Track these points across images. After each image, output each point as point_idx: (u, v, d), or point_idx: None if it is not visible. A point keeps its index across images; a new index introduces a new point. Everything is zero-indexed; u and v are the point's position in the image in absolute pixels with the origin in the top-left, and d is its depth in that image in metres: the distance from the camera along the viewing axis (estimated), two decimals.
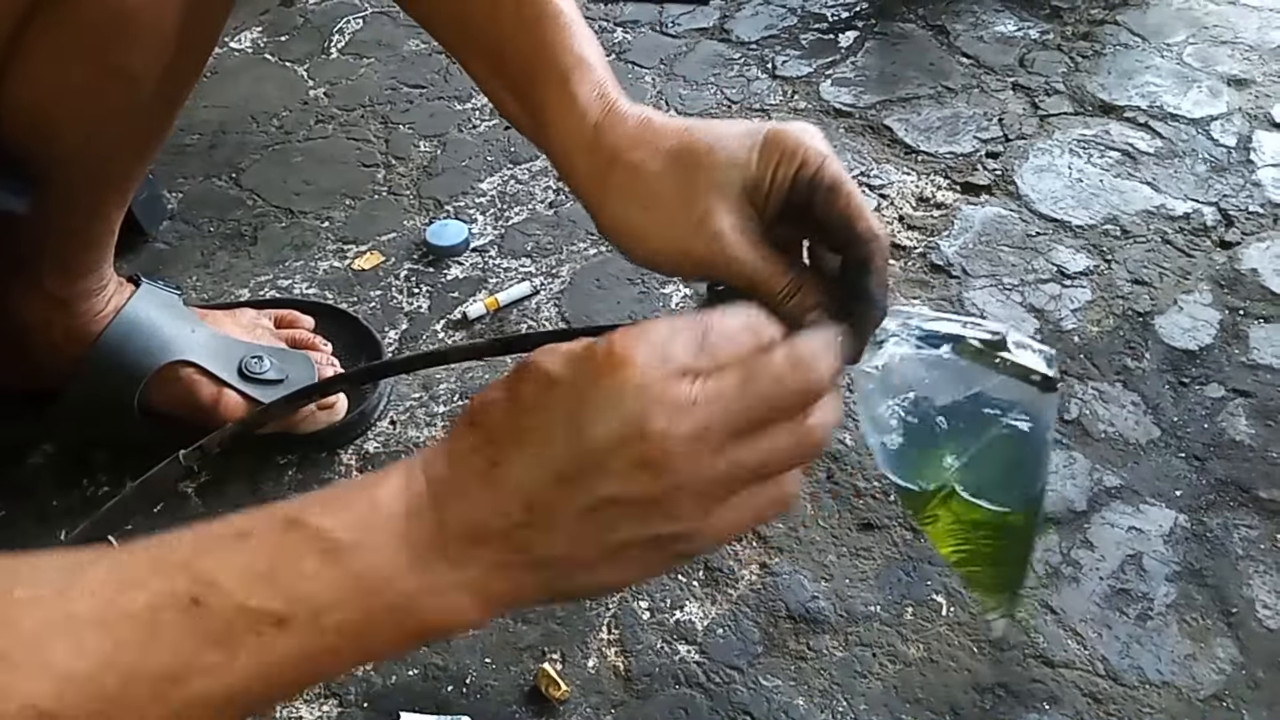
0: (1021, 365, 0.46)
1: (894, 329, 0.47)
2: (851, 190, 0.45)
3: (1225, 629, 0.72)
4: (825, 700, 0.70)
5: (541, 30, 0.50)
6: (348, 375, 0.53)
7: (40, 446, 0.88)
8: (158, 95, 0.70)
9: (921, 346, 0.47)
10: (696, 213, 0.45)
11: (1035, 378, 0.46)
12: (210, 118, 1.28)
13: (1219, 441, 0.84)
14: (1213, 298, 0.97)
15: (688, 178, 0.45)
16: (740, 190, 0.45)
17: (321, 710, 0.70)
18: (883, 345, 0.47)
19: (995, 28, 1.35)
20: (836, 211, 0.45)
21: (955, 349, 0.46)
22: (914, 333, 0.47)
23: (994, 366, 0.46)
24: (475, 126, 1.24)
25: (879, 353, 0.47)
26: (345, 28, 1.44)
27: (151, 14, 0.64)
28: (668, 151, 0.46)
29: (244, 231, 1.11)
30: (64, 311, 0.79)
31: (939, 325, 0.47)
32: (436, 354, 0.52)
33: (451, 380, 0.93)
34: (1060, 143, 1.16)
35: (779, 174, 0.45)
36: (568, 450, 0.37)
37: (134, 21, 0.64)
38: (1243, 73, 1.25)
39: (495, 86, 0.53)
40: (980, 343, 0.46)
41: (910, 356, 0.47)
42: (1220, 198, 1.08)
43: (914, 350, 0.47)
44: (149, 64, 0.67)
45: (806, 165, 0.45)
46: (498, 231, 1.09)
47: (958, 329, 0.47)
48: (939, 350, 0.47)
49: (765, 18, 1.41)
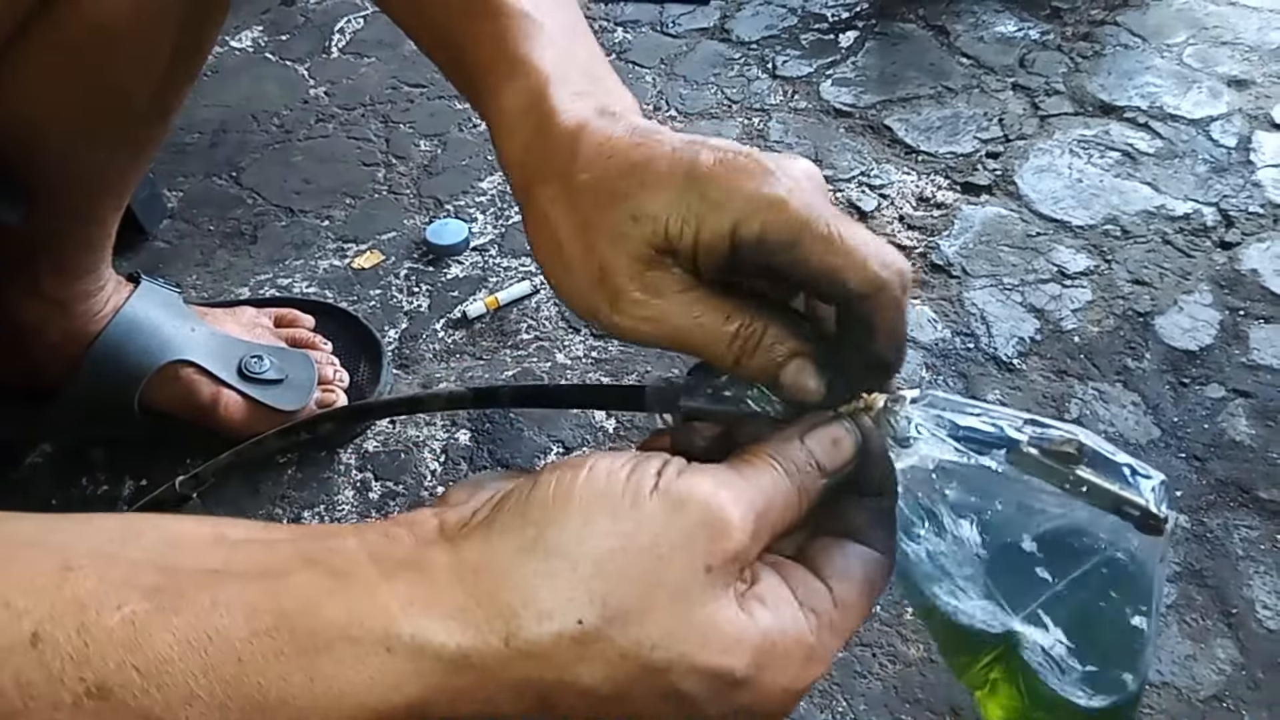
0: (1109, 491, 0.33)
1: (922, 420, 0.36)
2: (828, 233, 0.34)
3: (1225, 629, 0.72)
4: (825, 700, 0.70)
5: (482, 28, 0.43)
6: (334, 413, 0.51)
7: (39, 445, 0.88)
8: (151, 105, 0.70)
9: (963, 452, 0.35)
10: (594, 268, 0.37)
11: (1132, 511, 0.33)
12: (211, 116, 1.28)
13: (1219, 442, 0.84)
14: (1213, 298, 0.97)
15: (588, 227, 0.37)
16: (649, 245, 0.36)
17: None
18: (911, 444, 0.36)
19: (995, 28, 1.35)
20: (814, 269, 0.34)
21: (1010, 458, 0.35)
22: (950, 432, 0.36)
23: (1069, 490, 0.34)
24: (476, 125, 1.24)
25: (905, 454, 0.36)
26: (346, 27, 1.44)
27: (142, 30, 0.64)
28: (579, 186, 0.37)
29: (244, 230, 1.11)
30: (62, 312, 0.79)
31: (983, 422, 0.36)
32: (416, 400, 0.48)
33: (451, 380, 0.93)
34: (1060, 143, 1.16)
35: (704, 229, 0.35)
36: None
37: (124, 38, 0.63)
38: (1243, 73, 1.25)
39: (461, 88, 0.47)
40: (1044, 454, 0.34)
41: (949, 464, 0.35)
42: (1220, 198, 1.08)
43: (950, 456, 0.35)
44: (140, 77, 0.67)
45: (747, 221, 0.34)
46: (498, 230, 1.09)
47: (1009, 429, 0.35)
48: (987, 460, 0.35)
49: (765, 18, 1.41)
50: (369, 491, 0.84)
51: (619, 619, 0.30)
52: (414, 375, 0.93)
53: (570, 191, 0.38)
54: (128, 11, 0.62)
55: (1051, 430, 0.35)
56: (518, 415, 0.89)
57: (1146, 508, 0.33)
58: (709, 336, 0.36)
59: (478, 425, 0.89)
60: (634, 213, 0.36)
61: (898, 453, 0.36)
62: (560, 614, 0.30)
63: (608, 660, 0.30)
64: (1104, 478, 0.34)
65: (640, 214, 0.36)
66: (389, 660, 0.30)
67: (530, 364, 0.94)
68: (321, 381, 0.85)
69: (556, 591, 0.30)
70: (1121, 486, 0.33)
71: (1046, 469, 0.34)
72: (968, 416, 0.36)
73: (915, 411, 0.36)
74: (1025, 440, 0.35)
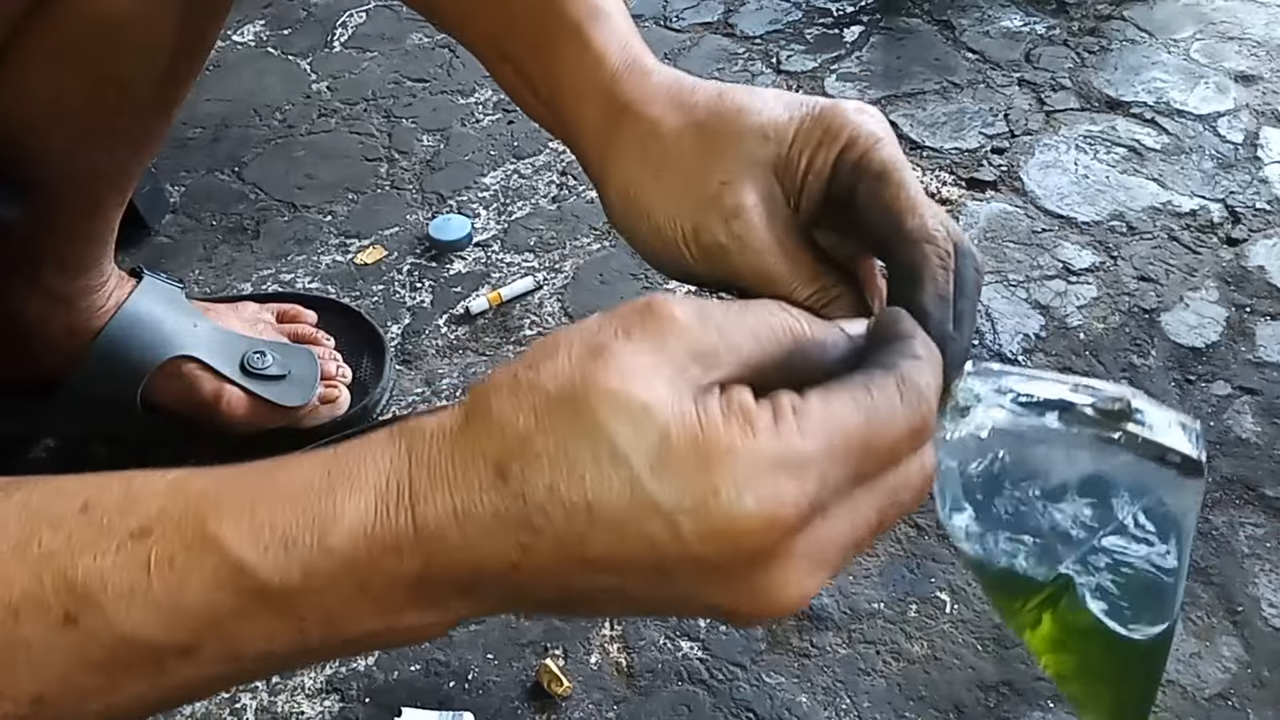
0: (1155, 442, 0.37)
1: (982, 391, 0.37)
2: (906, 180, 0.36)
3: (1230, 627, 0.72)
4: (828, 698, 0.70)
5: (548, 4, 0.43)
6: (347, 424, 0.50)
7: (41, 440, 0.88)
8: (153, 99, 0.70)
9: (1019, 414, 0.37)
10: (714, 183, 0.37)
11: (1174, 459, 0.37)
12: (213, 111, 1.28)
13: (1225, 439, 0.84)
14: (1219, 295, 0.97)
15: (710, 141, 0.37)
16: (771, 167, 0.37)
17: (323, 705, 0.70)
18: (969, 412, 0.37)
19: (1001, 23, 1.35)
20: (881, 205, 0.36)
21: (1064, 418, 0.37)
22: (1008, 396, 0.38)
23: (1117, 443, 0.37)
24: (478, 120, 1.23)
25: (964, 421, 0.37)
26: (348, 21, 1.44)
27: (144, 24, 0.63)
28: (692, 108, 0.38)
29: (246, 225, 1.11)
30: (65, 307, 0.78)
31: (1039, 387, 0.38)
32: None
33: (454, 375, 0.93)
34: (1066, 139, 1.16)
35: (819, 157, 0.37)
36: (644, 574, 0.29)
37: (126, 32, 0.63)
38: (1250, 69, 1.24)
39: (504, 66, 0.47)
40: (1096, 411, 0.37)
41: (1005, 427, 0.37)
42: (1227, 194, 1.07)
43: (1010, 418, 0.37)
44: (143, 72, 0.66)
45: (852, 147, 0.37)
46: (501, 226, 1.08)
47: (1065, 392, 0.38)
48: (1043, 419, 0.37)
49: (770, 12, 1.40)
50: None
51: (552, 373, 0.29)
52: (417, 371, 0.93)
53: (691, 112, 0.38)
54: (129, 6, 0.61)
55: (1102, 390, 0.38)
56: None
57: (1187, 455, 0.36)
58: (798, 280, 0.37)
59: None
60: (766, 131, 0.37)
61: (957, 420, 0.37)
62: (503, 376, 0.30)
63: (535, 405, 0.29)
64: (1151, 431, 0.37)
65: (773, 132, 0.37)
66: (387, 439, 0.31)
67: None
68: (324, 377, 0.85)
69: (505, 369, 0.31)
70: (1166, 438, 0.37)
71: (1099, 425, 0.37)
72: (1023, 382, 0.38)
73: (974, 381, 0.37)
74: (1079, 403, 0.37)
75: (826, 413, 0.29)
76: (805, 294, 0.37)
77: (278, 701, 0.70)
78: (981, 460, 0.37)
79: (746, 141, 0.37)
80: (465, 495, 0.29)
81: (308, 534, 0.29)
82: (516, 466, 0.29)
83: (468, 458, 0.29)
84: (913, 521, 0.79)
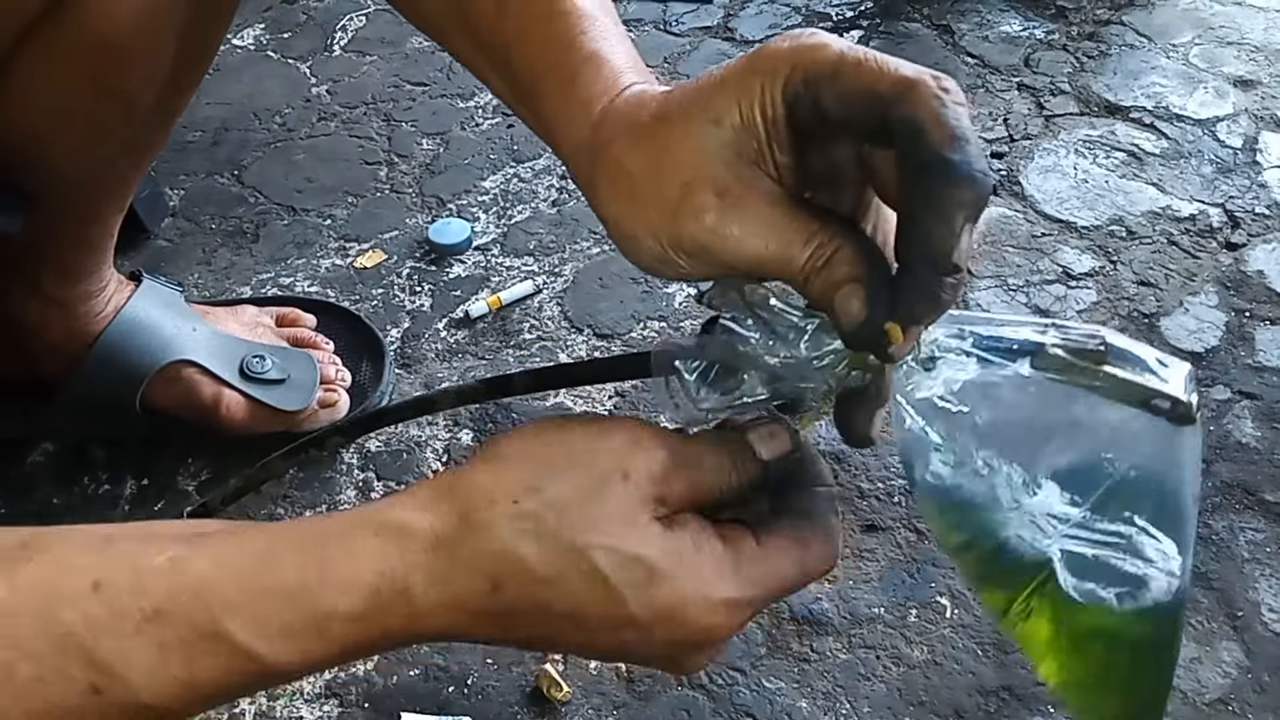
0: (1137, 385, 0.32)
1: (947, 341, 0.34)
2: (863, 55, 0.33)
3: (1231, 632, 0.72)
4: (828, 703, 0.69)
5: (550, 28, 0.44)
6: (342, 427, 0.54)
7: (40, 444, 0.88)
8: (154, 112, 0.70)
9: (987, 362, 0.33)
10: (675, 188, 0.36)
11: (1161, 404, 0.32)
12: (212, 115, 1.27)
13: (1225, 444, 0.84)
14: (1218, 299, 0.97)
15: (662, 149, 0.37)
16: (732, 147, 0.36)
17: (322, 710, 0.70)
18: (934, 365, 0.34)
19: (1000, 27, 1.35)
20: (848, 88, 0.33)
21: (1036, 364, 0.33)
22: (975, 343, 0.34)
23: (1096, 389, 0.32)
24: (478, 124, 1.23)
25: (930, 376, 0.34)
26: (348, 25, 1.44)
27: (147, 38, 0.63)
28: (643, 126, 0.38)
29: (246, 229, 1.11)
30: (64, 312, 0.78)
31: (1007, 331, 0.34)
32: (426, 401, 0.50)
33: (454, 379, 0.92)
34: (1066, 143, 1.16)
35: (765, 104, 0.35)
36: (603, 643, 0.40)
37: (129, 46, 0.63)
38: (1249, 74, 1.24)
39: (507, 95, 0.48)
40: (1070, 353, 0.33)
41: (973, 381, 0.33)
42: (1226, 199, 1.07)
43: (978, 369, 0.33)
44: (144, 84, 0.66)
45: (795, 69, 0.34)
46: (500, 230, 1.08)
47: (1033, 334, 0.33)
48: (1013, 366, 0.33)
49: (769, 16, 1.40)
50: (371, 491, 0.84)
51: (550, 504, 0.38)
52: (416, 375, 0.93)
53: (641, 132, 0.38)
54: (131, 20, 0.61)
55: (1074, 330, 0.33)
56: (520, 414, 0.89)
57: (1176, 397, 0.31)
58: (792, 248, 0.35)
59: (480, 425, 0.89)
60: (712, 116, 0.36)
61: (921, 376, 0.34)
62: (504, 497, 0.38)
63: (539, 536, 0.37)
64: (1132, 372, 0.32)
65: (717, 115, 0.36)
66: (376, 542, 0.37)
67: (533, 364, 0.93)
68: (323, 381, 0.85)
69: (500, 483, 0.38)
70: (1150, 379, 0.32)
71: (1074, 369, 0.33)
72: (989, 327, 0.34)
73: (935, 330, 0.34)
74: (1050, 343, 0.33)
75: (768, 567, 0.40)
76: (802, 259, 0.35)
77: (276, 707, 0.70)
78: (952, 422, 0.34)
79: (694, 135, 0.36)
80: (460, 595, 0.38)
81: (309, 629, 0.36)
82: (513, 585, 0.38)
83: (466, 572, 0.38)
84: (913, 526, 0.79)
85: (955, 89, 0.32)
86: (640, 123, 0.38)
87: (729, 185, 0.36)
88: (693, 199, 0.36)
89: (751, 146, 0.36)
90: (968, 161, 0.31)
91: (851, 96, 0.33)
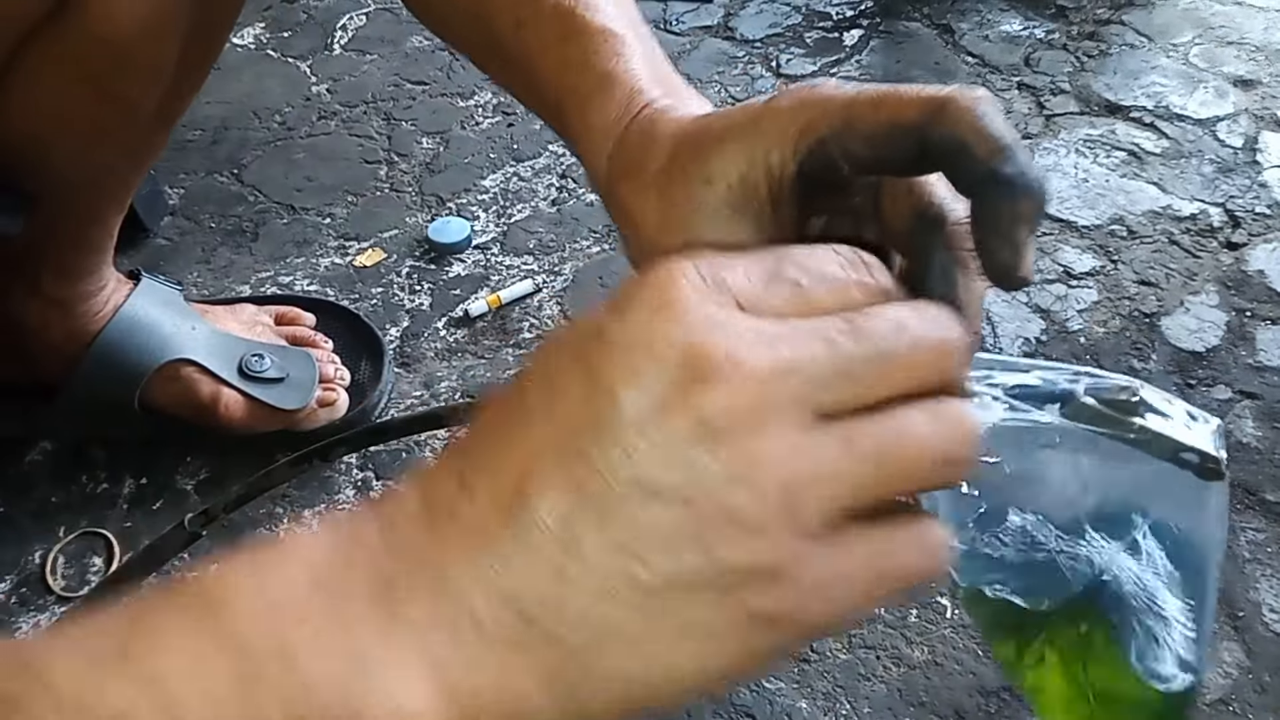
0: (1168, 439, 0.32)
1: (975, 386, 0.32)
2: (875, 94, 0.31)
3: (1232, 633, 0.72)
4: (828, 703, 0.69)
5: (565, 51, 0.43)
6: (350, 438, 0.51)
7: (39, 443, 0.88)
8: (156, 114, 0.70)
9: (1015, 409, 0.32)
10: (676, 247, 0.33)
11: (1190, 458, 0.32)
12: (212, 113, 1.27)
13: (1225, 444, 0.84)
14: (1219, 299, 0.97)
15: (666, 205, 0.36)
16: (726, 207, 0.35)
17: None
18: None
19: (1000, 27, 1.35)
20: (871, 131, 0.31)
21: (1065, 412, 0.32)
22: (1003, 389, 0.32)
23: (1126, 440, 0.32)
24: (478, 123, 1.23)
25: None
26: (348, 24, 1.44)
27: (149, 43, 0.63)
28: (650, 177, 0.37)
29: (245, 228, 1.11)
30: (64, 312, 0.78)
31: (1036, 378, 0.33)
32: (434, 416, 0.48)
33: (453, 378, 0.92)
34: (1066, 142, 1.16)
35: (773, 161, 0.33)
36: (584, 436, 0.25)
37: (131, 50, 0.63)
38: (1249, 73, 1.24)
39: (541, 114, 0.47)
40: (1101, 403, 0.32)
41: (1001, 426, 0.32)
42: (1227, 199, 1.07)
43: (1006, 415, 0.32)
44: (146, 88, 0.67)
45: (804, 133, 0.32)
46: (500, 229, 1.08)
47: (1064, 383, 0.33)
48: (1041, 414, 0.32)
49: (769, 16, 1.40)
50: (370, 491, 0.83)
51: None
52: (415, 374, 0.93)
53: (646, 183, 0.37)
54: (135, 25, 0.61)
55: (1106, 380, 0.32)
56: None
57: (1205, 452, 0.31)
58: None
59: None
60: (706, 176, 0.35)
61: None
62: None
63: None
64: (1164, 425, 0.32)
65: (711, 175, 0.34)
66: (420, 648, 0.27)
67: None
68: (322, 380, 0.84)
69: None
70: (1180, 432, 0.32)
71: (1105, 419, 0.32)
72: (1017, 374, 0.33)
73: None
74: (1081, 391, 0.32)
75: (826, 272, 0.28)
76: None
77: None
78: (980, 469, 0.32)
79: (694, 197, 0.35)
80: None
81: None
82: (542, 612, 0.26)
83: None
84: None
85: (985, 93, 0.31)
86: (647, 171, 0.38)
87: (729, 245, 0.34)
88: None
89: (752, 206, 0.34)
90: (1021, 172, 0.29)
91: (878, 138, 0.31)
